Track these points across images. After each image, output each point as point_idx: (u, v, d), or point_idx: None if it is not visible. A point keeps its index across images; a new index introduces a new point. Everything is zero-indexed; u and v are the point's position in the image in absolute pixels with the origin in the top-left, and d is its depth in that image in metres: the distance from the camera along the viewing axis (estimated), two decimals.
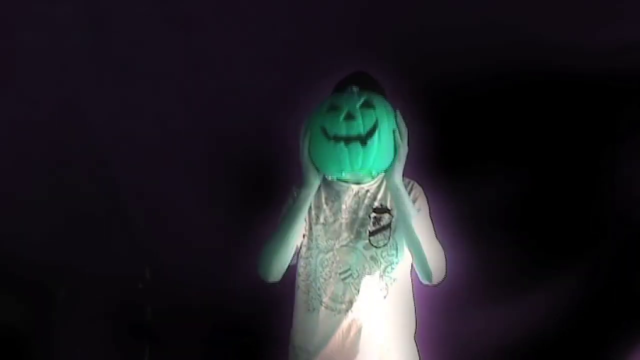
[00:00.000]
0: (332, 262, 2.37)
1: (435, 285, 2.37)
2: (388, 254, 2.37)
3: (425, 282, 2.36)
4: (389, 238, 2.37)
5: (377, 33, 3.45)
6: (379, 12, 3.44)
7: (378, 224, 2.38)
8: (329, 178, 2.34)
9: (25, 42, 3.48)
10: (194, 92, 3.63)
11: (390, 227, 2.37)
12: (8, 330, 3.69)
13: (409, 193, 2.35)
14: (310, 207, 2.37)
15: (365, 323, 2.34)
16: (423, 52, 3.41)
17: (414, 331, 2.44)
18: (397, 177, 2.27)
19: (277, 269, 2.35)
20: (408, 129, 2.28)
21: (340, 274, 2.36)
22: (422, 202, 2.40)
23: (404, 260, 2.39)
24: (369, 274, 2.35)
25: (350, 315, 2.34)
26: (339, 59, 2.77)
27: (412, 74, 3.31)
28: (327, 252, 2.37)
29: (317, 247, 2.37)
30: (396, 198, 2.32)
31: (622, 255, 3.52)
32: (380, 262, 2.36)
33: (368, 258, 2.36)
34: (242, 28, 3.56)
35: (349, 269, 2.36)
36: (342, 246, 2.37)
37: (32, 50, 3.49)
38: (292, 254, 2.36)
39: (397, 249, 2.38)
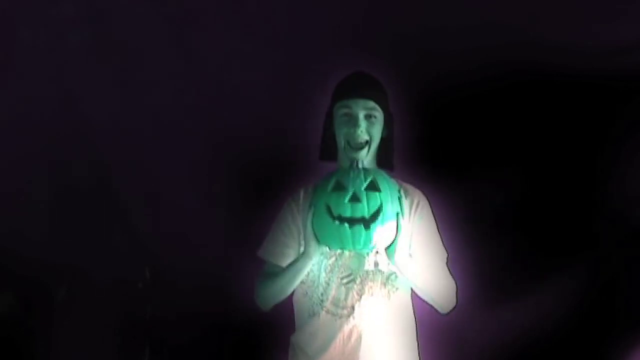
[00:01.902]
0: (335, 267, 2.36)
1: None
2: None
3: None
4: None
5: (377, 33, 3.45)
6: (379, 12, 3.44)
7: None
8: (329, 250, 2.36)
9: (25, 40, 3.48)
10: (194, 92, 3.63)
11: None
12: (8, 329, 3.69)
13: (416, 208, 2.37)
14: None
15: (366, 329, 2.33)
16: (422, 52, 3.41)
17: (415, 337, 2.43)
18: (398, 256, 2.27)
19: (274, 304, 2.40)
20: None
21: (342, 279, 2.35)
22: (429, 219, 2.41)
23: None
24: (372, 279, 2.35)
25: (352, 321, 2.33)
26: (338, 59, 2.77)
27: (412, 74, 3.31)
28: (330, 257, 2.36)
29: (321, 253, 2.36)
30: (400, 274, 2.33)
31: (622, 255, 3.52)
32: (384, 268, 2.36)
33: (371, 264, 2.36)
34: (241, 28, 3.56)
35: (351, 274, 2.36)
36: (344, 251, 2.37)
37: (31, 48, 3.49)
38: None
39: None
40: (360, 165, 2.27)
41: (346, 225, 2.18)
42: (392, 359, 2.36)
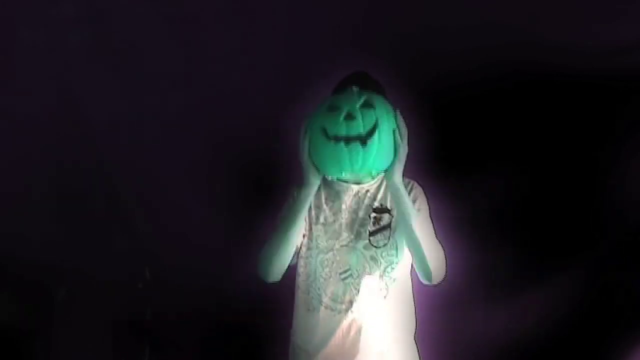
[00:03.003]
0: (332, 262, 2.36)
1: (435, 285, 2.37)
2: (388, 254, 2.37)
3: (425, 282, 2.36)
4: (389, 238, 2.37)
5: (377, 33, 3.45)
6: (379, 12, 3.44)
7: (378, 224, 2.38)
8: (329, 178, 2.34)
9: (25, 40, 3.48)
10: (194, 92, 3.63)
11: (390, 227, 2.37)
12: (8, 330, 3.69)
13: (409, 193, 2.35)
14: (310, 207, 2.37)
15: (365, 323, 2.34)
16: (422, 52, 3.41)
17: (414, 331, 2.44)
18: (397, 177, 2.27)
19: (277, 269, 2.35)
20: (408, 129, 2.28)
21: (340, 274, 2.36)
22: (422, 202, 2.40)
23: (404, 260, 2.39)
24: (369, 274, 2.35)
25: (350, 315, 2.34)
26: (338, 59, 2.77)
27: (412, 74, 3.31)
28: (327, 252, 2.37)
29: (317, 247, 2.37)
30: (396, 198, 2.32)
31: (622, 255, 3.52)
32: (380, 262, 2.36)
33: (368, 258, 2.36)
34: (241, 28, 3.56)
35: (349, 269, 2.36)
36: (342, 246, 2.37)
37: (31, 48, 3.49)
38: (292, 254, 2.36)
39: (397, 249, 2.37)
40: (354, 89, 2.26)
41: (342, 144, 2.15)
42: (392, 352, 2.36)
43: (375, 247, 2.35)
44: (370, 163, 2.19)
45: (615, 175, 3.51)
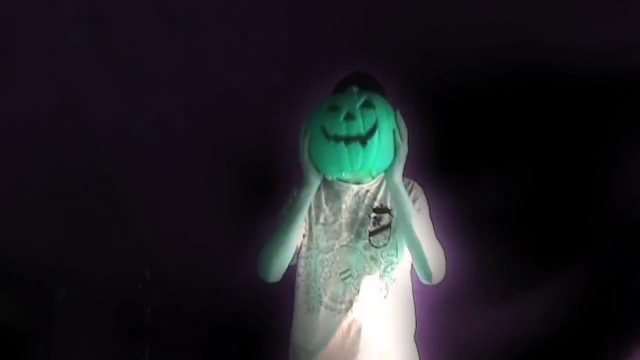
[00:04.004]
0: (332, 262, 2.37)
1: (435, 285, 2.37)
2: (388, 254, 2.37)
3: (425, 282, 2.36)
4: (389, 238, 2.37)
5: (377, 33, 3.45)
6: (379, 12, 3.44)
7: (378, 224, 2.38)
8: (329, 178, 2.34)
9: (25, 41, 3.48)
10: (194, 92, 3.63)
11: (390, 227, 2.37)
12: (8, 330, 3.69)
13: (409, 193, 2.35)
14: (310, 207, 2.38)
15: (365, 323, 2.35)
16: (422, 52, 3.42)
17: (414, 331, 2.44)
18: (397, 177, 2.27)
19: (277, 269, 2.35)
20: (408, 129, 2.28)
21: (340, 274, 2.36)
22: (422, 202, 2.40)
23: (404, 260, 2.40)
24: (369, 274, 2.35)
25: (350, 315, 2.34)
26: (338, 59, 2.77)
27: (412, 74, 3.31)
28: (327, 252, 2.37)
29: (317, 247, 2.37)
30: (396, 198, 2.32)
31: (622, 255, 3.52)
32: (380, 262, 2.36)
33: (368, 258, 2.36)
34: (241, 28, 3.56)
35: (349, 269, 2.36)
36: (342, 246, 2.37)
37: (31, 48, 3.49)
38: (292, 254, 2.36)
39: (397, 249, 2.38)
40: (354, 90, 2.26)
41: (342, 143, 2.16)
42: (392, 352, 2.37)
43: (375, 247, 2.35)
44: (370, 163, 2.19)
45: (615, 175, 3.51)
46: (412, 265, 2.40)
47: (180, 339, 3.72)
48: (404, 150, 2.26)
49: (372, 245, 2.35)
